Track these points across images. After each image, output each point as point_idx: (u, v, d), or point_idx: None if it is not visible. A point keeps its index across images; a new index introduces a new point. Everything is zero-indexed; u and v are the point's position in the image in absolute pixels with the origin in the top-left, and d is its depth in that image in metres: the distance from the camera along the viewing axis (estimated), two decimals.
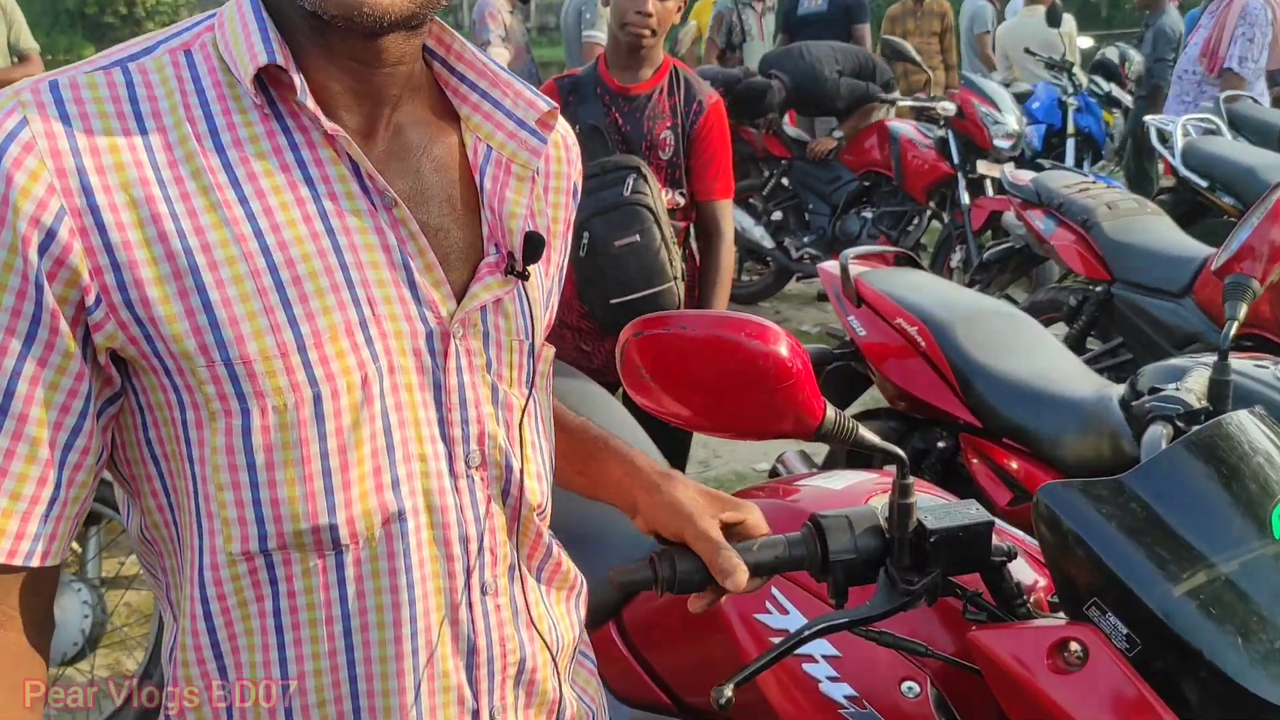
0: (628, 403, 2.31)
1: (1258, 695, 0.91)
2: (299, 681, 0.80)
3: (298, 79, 0.75)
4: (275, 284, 0.74)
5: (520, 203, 0.86)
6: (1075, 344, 3.48)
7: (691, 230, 2.58)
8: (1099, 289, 3.49)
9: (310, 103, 0.75)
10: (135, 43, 0.79)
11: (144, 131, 0.74)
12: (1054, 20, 6.13)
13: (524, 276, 0.84)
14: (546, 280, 0.93)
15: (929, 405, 2.54)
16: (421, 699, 0.82)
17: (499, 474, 0.85)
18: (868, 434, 0.98)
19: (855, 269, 2.76)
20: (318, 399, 0.75)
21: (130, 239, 0.71)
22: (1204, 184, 4.31)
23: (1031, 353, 2.48)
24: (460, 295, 0.82)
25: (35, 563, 0.74)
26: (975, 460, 2.47)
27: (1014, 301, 4.19)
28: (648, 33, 2.33)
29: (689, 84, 2.47)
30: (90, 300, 0.71)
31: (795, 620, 1.23)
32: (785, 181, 5.85)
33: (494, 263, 0.83)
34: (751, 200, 5.87)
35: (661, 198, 2.38)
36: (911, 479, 1.00)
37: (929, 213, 5.41)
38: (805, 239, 5.61)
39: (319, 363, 0.75)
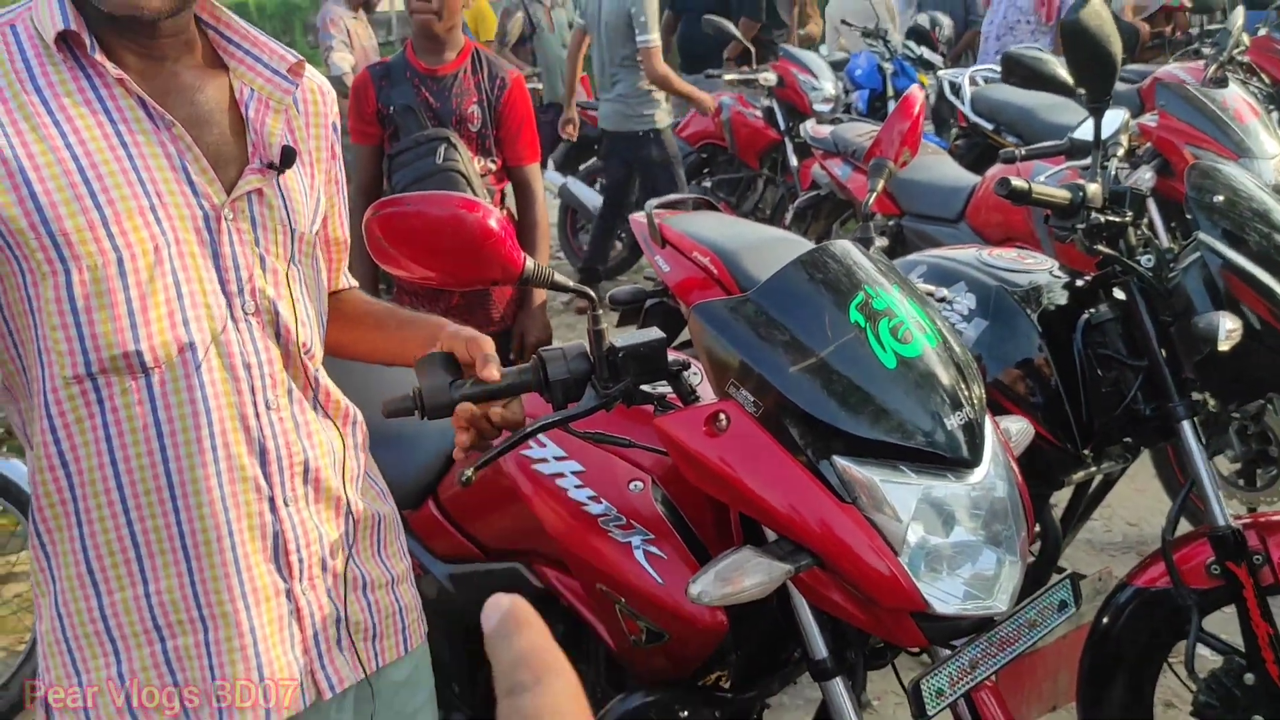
0: None
1: (842, 429, 1.28)
2: (128, 476, 1.09)
3: (88, 39, 1.06)
4: (83, 180, 1.04)
5: (278, 127, 1.18)
6: None
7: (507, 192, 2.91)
8: (891, 223, 3.93)
9: (99, 55, 1.06)
10: None
11: None
12: None
13: (280, 172, 1.16)
14: (311, 189, 1.24)
15: None
16: (224, 485, 1.12)
17: (270, 319, 1.16)
18: (561, 279, 1.32)
19: (660, 216, 3.13)
20: (120, 261, 1.05)
21: None
22: (990, 126, 4.81)
23: None
24: (231, 191, 1.13)
25: None
26: None
27: None
28: (432, 17, 2.66)
29: (491, 64, 2.80)
30: None
31: (553, 450, 1.57)
32: None
33: (256, 168, 1.15)
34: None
35: (474, 164, 2.70)
36: (601, 311, 1.33)
37: (764, 177, 5.85)
38: None
39: (119, 234, 1.05)
